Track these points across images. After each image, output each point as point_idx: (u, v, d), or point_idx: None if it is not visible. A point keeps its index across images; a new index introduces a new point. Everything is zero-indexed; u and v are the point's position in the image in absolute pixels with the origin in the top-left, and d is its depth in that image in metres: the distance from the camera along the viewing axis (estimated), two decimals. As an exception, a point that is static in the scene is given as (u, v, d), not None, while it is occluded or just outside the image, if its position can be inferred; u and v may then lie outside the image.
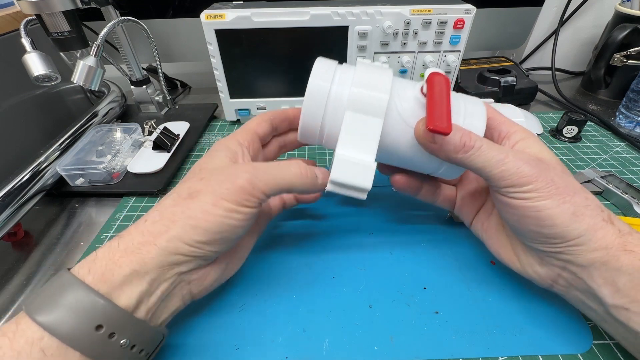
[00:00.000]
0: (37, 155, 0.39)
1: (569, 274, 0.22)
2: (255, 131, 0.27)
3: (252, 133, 0.27)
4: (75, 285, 0.18)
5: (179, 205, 0.21)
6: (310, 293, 0.29)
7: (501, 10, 0.58)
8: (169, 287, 0.21)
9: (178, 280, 0.21)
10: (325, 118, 0.25)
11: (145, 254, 0.20)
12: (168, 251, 0.20)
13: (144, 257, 0.20)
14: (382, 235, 0.34)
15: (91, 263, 0.19)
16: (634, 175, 0.41)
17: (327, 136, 0.26)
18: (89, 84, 0.40)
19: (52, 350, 0.17)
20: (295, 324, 0.26)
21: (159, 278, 0.20)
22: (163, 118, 0.55)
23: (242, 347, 0.25)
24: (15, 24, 0.46)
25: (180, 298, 0.22)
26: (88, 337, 0.17)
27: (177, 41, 0.59)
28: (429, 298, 0.28)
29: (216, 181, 0.22)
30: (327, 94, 0.24)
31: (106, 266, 0.19)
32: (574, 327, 0.25)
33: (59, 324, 0.17)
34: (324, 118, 0.25)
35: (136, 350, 0.19)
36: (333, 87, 0.25)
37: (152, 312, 0.20)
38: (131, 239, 0.20)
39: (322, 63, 0.26)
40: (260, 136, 0.28)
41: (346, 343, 0.25)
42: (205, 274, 0.23)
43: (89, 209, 0.39)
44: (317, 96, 0.25)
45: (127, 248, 0.20)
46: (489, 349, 0.24)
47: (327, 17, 0.43)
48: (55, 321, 0.17)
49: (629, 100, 0.49)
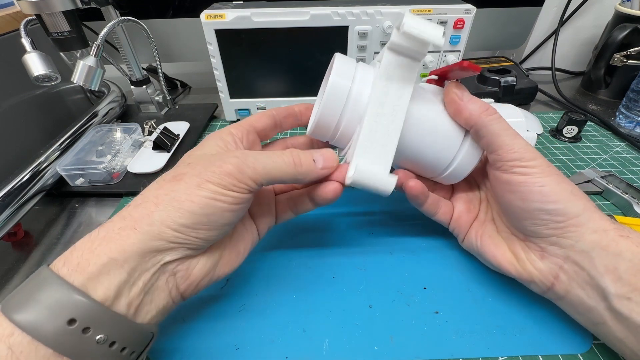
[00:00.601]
0: (37, 155, 0.39)
1: (571, 265, 0.22)
2: (251, 124, 0.26)
3: (247, 125, 0.26)
4: (49, 279, 0.17)
5: (162, 188, 0.20)
6: (310, 293, 0.28)
7: (501, 10, 0.58)
8: (152, 279, 0.19)
9: (162, 271, 0.20)
10: (343, 117, 0.25)
11: (125, 239, 0.18)
12: (150, 236, 0.19)
13: (123, 243, 0.18)
14: (382, 235, 0.34)
15: (68, 255, 0.18)
16: (634, 175, 0.41)
17: (340, 134, 0.26)
18: (89, 84, 0.40)
19: (21, 347, 0.16)
20: (295, 324, 0.26)
21: (140, 267, 0.19)
22: (163, 118, 0.55)
23: (242, 347, 0.25)
24: (15, 24, 0.46)
25: (168, 293, 0.21)
26: (59, 331, 0.16)
27: (177, 41, 0.59)
28: (429, 298, 0.28)
29: (202, 165, 0.21)
30: (347, 92, 0.24)
31: (82, 256, 0.18)
32: (573, 328, 0.25)
33: (30, 320, 0.16)
34: (341, 116, 0.25)
35: (117, 348, 0.18)
36: (354, 86, 0.24)
37: (135, 306, 0.19)
38: (112, 225, 0.19)
39: (342, 60, 0.25)
40: (258, 129, 0.27)
41: (346, 343, 0.25)
42: (192, 266, 0.21)
43: (89, 209, 0.39)
44: (338, 94, 0.24)
45: (106, 236, 0.19)
46: (488, 349, 0.24)
47: (327, 17, 0.43)
48: (27, 317, 0.16)
49: (629, 100, 0.49)
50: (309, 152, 0.24)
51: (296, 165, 0.23)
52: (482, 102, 0.25)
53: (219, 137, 0.24)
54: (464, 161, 0.26)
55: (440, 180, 0.28)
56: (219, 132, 0.25)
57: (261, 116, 0.27)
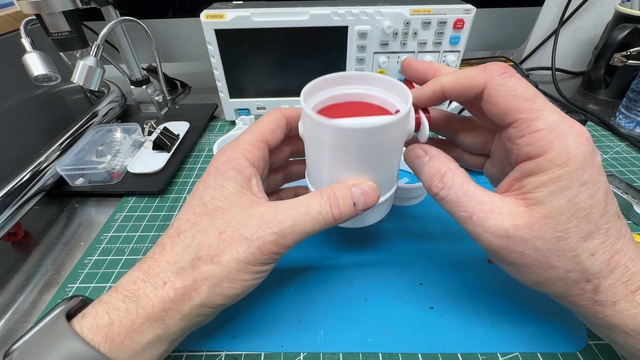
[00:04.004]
0: (37, 155, 0.39)
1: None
2: (266, 141, 0.24)
3: (262, 146, 0.23)
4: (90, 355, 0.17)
5: (200, 270, 0.20)
6: (306, 285, 0.29)
7: (501, 10, 0.58)
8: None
9: None
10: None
11: (169, 321, 0.20)
12: (192, 315, 0.20)
13: (168, 323, 0.19)
14: (381, 230, 0.34)
15: (106, 329, 0.18)
16: (634, 175, 0.41)
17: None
18: (89, 84, 0.40)
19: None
20: (292, 314, 0.27)
21: (180, 337, 0.21)
22: (163, 118, 0.55)
23: (240, 335, 0.26)
24: (15, 24, 0.46)
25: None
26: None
27: (177, 41, 0.59)
28: (425, 294, 0.28)
29: (238, 240, 0.20)
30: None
31: (126, 334, 0.18)
32: (568, 325, 0.25)
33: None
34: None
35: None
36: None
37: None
38: (151, 304, 0.19)
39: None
40: (272, 145, 0.24)
41: (341, 334, 0.26)
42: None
43: (89, 209, 0.39)
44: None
45: (148, 315, 0.19)
46: (482, 345, 0.25)
47: (327, 17, 0.43)
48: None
49: (629, 100, 0.49)
50: (349, 194, 0.21)
51: (336, 219, 0.21)
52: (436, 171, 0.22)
53: (236, 171, 0.22)
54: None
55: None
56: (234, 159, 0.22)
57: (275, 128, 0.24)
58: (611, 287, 0.18)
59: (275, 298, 0.28)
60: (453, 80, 0.20)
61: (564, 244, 0.18)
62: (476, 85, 0.20)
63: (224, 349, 0.25)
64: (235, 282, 0.20)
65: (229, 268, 0.19)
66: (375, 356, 0.24)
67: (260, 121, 0.24)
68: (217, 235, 0.20)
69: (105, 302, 0.19)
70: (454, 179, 0.20)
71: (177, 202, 0.39)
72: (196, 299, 0.20)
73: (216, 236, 0.20)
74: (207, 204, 0.21)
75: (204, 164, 0.46)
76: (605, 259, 0.18)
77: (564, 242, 0.18)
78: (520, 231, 0.18)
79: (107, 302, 0.19)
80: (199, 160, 0.46)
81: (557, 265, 0.18)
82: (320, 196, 0.21)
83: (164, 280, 0.20)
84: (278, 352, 0.25)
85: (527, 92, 0.18)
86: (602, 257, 0.18)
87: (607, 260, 0.18)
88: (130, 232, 0.35)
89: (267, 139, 0.24)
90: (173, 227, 0.22)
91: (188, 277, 0.20)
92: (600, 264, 0.18)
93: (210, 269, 0.19)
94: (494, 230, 0.19)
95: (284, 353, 0.25)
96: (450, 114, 0.26)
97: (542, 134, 0.18)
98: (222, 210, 0.21)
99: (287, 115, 0.25)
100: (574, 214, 0.18)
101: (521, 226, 0.18)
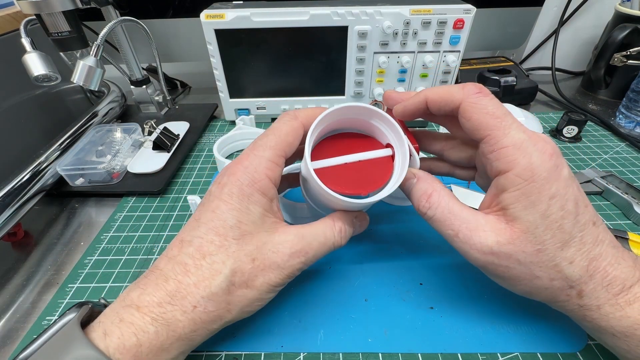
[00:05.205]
0: (37, 155, 0.39)
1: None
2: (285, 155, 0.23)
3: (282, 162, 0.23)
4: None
5: (235, 294, 0.21)
6: (306, 285, 0.29)
7: (501, 10, 0.58)
8: None
9: None
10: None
11: (197, 338, 0.21)
12: (217, 330, 0.22)
13: (195, 340, 0.21)
14: (381, 230, 0.34)
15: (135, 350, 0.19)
16: (634, 175, 0.41)
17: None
18: (89, 84, 0.40)
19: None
20: (291, 315, 0.27)
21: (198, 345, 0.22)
22: (163, 118, 0.55)
23: (240, 335, 0.26)
24: (15, 24, 0.46)
25: None
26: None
27: (177, 41, 0.59)
28: (425, 294, 0.28)
29: (271, 267, 0.22)
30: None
31: (155, 354, 0.19)
32: (569, 325, 0.25)
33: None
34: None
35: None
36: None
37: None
38: (182, 326, 0.20)
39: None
40: (288, 157, 0.24)
41: (341, 334, 0.26)
42: None
43: (89, 209, 0.39)
44: None
45: (179, 336, 0.20)
46: (482, 345, 0.25)
47: (327, 17, 0.43)
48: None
49: (629, 100, 0.49)
50: (352, 226, 0.25)
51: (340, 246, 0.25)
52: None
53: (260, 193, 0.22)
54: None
55: None
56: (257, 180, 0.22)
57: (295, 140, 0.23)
58: (593, 292, 0.19)
59: (276, 298, 0.27)
60: (435, 93, 0.23)
61: (544, 255, 0.19)
62: (454, 100, 0.21)
63: (224, 349, 0.25)
64: (262, 301, 0.22)
65: (260, 291, 0.22)
66: (375, 356, 0.24)
67: (278, 130, 0.23)
68: (249, 262, 0.21)
69: (130, 323, 0.19)
70: (439, 199, 0.22)
71: (177, 202, 0.39)
72: (227, 318, 0.21)
73: (249, 262, 0.21)
74: (234, 227, 0.21)
75: (204, 164, 0.46)
76: (584, 265, 0.19)
77: (543, 253, 0.19)
78: (504, 247, 0.20)
79: (132, 323, 0.19)
80: (199, 161, 0.46)
81: (540, 276, 0.20)
82: (333, 227, 0.24)
83: (192, 304, 0.20)
84: (278, 352, 0.25)
85: (497, 110, 0.20)
86: (580, 264, 0.19)
87: (585, 267, 0.19)
88: (130, 232, 0.35)
89: (286, 153, 0.23)
90: (193, 245, 0.21)
91: (222, 302, 0.21)
92: (580, 271, 0.19)
93: (244, 293, 0.21)
94: (479, 248, 0.20)
95: (284, 353, 0.25)
96: (435, 133, 0.28)
97: (508, 150, 0.19)
98: (250, 236, 0.22)
99: (304, 123, 0.24)
100: (548, 226, 0.19)
101: (504, 242, 0.20)
